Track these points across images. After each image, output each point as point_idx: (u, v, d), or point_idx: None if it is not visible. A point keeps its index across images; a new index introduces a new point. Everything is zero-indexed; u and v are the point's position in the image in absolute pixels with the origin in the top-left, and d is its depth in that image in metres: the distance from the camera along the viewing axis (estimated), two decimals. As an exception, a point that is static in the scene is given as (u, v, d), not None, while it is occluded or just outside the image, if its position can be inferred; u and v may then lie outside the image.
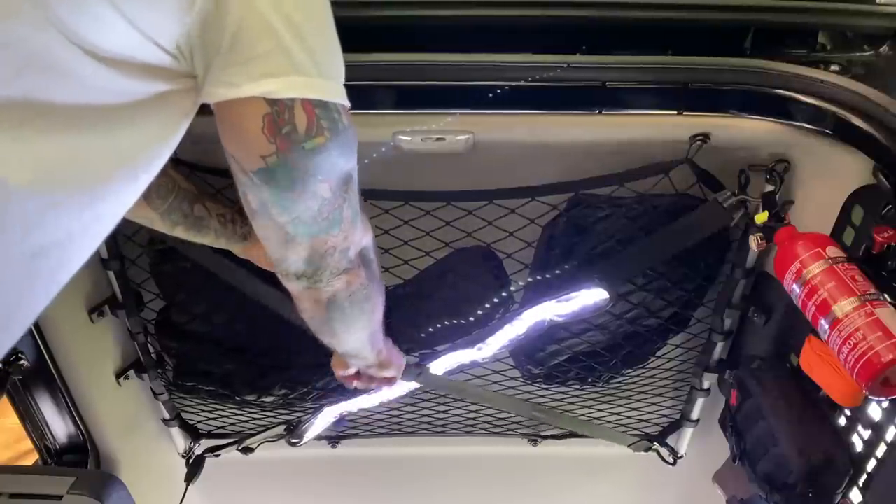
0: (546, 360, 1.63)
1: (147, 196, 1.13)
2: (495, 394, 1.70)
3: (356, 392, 1.67)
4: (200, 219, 1.26)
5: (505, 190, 1.38)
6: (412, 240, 1.47)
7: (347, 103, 0.77)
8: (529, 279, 1.50)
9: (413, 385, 1.60)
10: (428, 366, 1.55)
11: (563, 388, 1.75)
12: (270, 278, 1.46)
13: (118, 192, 0.75)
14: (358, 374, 1.33)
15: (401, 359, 1.35)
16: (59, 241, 0.71)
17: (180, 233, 1.26)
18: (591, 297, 1.41)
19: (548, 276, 1.48)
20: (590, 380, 1.70)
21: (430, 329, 1.54)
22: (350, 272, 0.92)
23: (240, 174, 0.78)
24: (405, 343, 1.50)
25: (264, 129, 0.72)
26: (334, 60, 0.75)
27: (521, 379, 1.70)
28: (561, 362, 1.64)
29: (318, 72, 0.72)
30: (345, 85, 0.77)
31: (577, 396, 1.78)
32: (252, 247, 1.35)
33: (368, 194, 1.38)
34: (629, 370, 1.71)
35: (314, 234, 0.83)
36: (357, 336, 1.08)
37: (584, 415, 1.84)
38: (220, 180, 1.37)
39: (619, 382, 1.76)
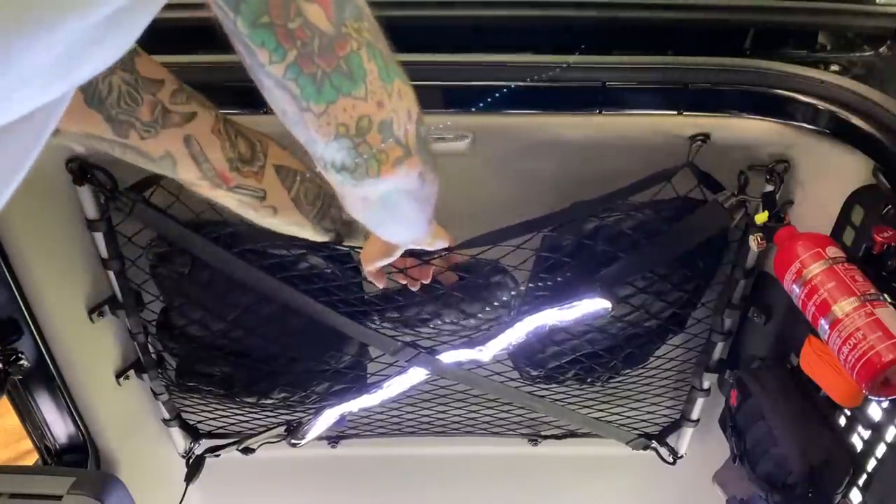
0: (546, 361, 1.63)
1: (296, 200, 1.01)
2: (497, 383, 1.69)
3: (357, 393, 1.67)
4: (352, 223, 1.08)
5: (509, 228, 1.34)
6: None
7: None
8: (530, 285, 1.50)
9: (420, 376, 1.60)
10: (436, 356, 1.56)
11: (562, 389, 1.76)
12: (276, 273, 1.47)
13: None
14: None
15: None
16: None
17: (333, 239, 1.10)
18: (592, 305, 1.41)
19: (549, 283, 1.48)
20: (589, 380, 1.70)
21: (432, 327, 1.54)
22: (404, 161, 0.68)
23: (219, 16, 0.57)
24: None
25: None
26: None
27: (519, 380, 1.70)
28: (561, 364, 1.64)
29: None
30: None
31: (576, 396, 1.78)
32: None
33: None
34: (629, 370, 1.71)
35: (330, 98, 0.61)
36: (416, 227, 0.89)
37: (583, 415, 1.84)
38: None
39: (619, 383, 1.76)
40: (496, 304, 1.48)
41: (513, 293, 1.50)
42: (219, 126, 0.89)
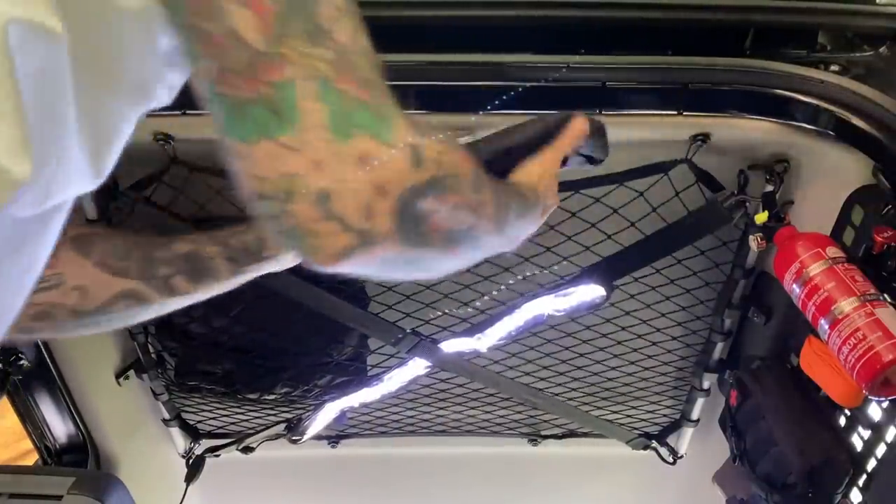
0: None
1: (101, 264, 0.78)
2: (497, 375, 1.70)
3: (358, 386, 1.67)
4: (196, 256, 0.84)
5: None
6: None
7: None
8: (527, 273, 1.51)
9: (420, 370, 1.61)
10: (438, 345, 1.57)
11: (561, 388, 1.76)
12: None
13: None
14: None
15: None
16: None
17: (186, 288, 0.85)
18: (587, 293, 1.43)
19: (545, 270, 1.49)
20: None
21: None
22: (357, 251, 0.50)
23: None
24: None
25: None
26: None
27: (518, 369, 1.71)
28: None
29: None
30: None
31: (576, 394, 1.79)
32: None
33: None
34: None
35: (248, 136, 0.47)
36: (508, 245, 0.69)
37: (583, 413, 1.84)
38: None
39: (619, 382, 1.77)
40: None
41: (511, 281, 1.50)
42: None
